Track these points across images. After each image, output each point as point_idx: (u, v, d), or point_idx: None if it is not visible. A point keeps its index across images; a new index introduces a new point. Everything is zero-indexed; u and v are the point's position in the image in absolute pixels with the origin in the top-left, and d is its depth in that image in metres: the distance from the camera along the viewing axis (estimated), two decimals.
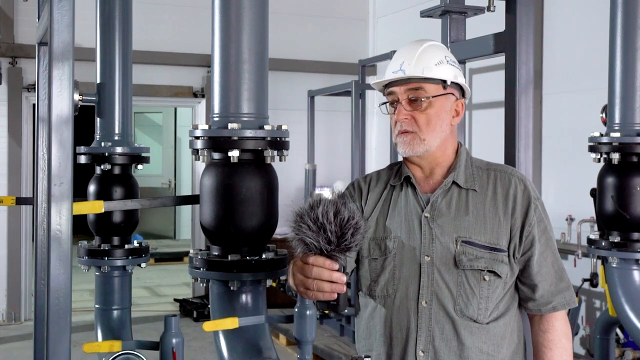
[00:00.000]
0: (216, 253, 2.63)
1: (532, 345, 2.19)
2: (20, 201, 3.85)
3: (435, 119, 2.10)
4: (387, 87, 2.16)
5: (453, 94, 2.15)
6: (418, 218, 2.12)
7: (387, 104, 2.16)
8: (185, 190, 13.02)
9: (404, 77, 2.10)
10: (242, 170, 2.54)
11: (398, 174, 2.22)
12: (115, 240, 3.71)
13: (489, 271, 2.06)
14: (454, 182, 2.14)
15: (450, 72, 2.13)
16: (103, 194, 3.64)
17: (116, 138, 3.70)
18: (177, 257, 11.33)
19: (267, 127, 2.56)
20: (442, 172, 2.17)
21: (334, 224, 1.82)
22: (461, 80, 2.16)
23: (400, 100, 2.10)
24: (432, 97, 2.10)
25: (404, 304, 2.09)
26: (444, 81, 2.12)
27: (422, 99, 2.09)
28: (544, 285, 2.12)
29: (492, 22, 3.31)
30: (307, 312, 2.10)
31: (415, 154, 2.12)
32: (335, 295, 1.85)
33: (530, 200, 2.11)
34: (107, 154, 3.62)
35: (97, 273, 3.73)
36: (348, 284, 1.86)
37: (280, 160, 2.63)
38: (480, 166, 2.18)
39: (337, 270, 1.83)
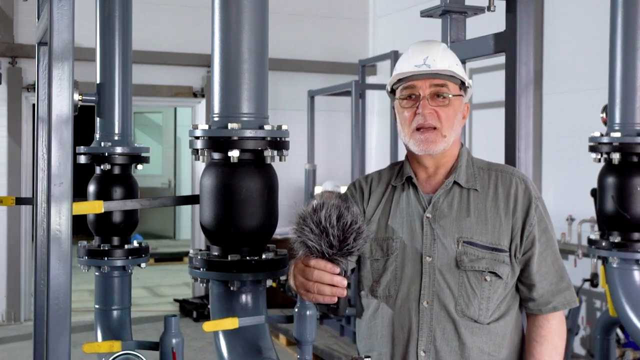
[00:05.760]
0: (216, 253, 2.62)
1: (525, 341, 2.17)
2: (20, 201, 3.84)
3: (454, 117, 2.11)
4: (402, 81, 2.14)
5: (463, 96, 2.17)
6: (420, 218, 2.12)
7: (403, 99, 2.13)
8: (185, 190, 13.02)
9: (432, 72, 2.09)
10: (242, 170, 2.53)
11: (400, 174, 2.21)
12: (115, 241, 3.70)
13: (490, 272, 2.06)
14: (455, 182, 2.14)
15: (466, 75, 2.16)
16: (103, 194, 3.63)
17: (116, 138, 3.69)
18: (177, 257, 11.34)
19: (267, 127, 2.55)
20: (445, 172, 2.17)
21: (336, 228, 1.82)
22: (471, 84, 2.19)
23: (424, 95, 2.09)
24: (453, 95, 2.11)
25: (405, 304, 2.09)
26: (462, 82, 2.13)
27: (448, 95, 2.09)
28: (543, 285, 2.11)
29: (492, 22, 3.30)
30: (307, 313, 2.10)
31: (434, 152, 2.10)
32: (336, 299, 1.85)
33: (531, 200, 2.11)
34: (107, 154, 3.61)
35: (96, 273, 3.73)
36: (348, 286, 1.86)
37: (280, 160, 2.63)
38: (481, 166, 2.19)
39: (338, 274, 1.83)
